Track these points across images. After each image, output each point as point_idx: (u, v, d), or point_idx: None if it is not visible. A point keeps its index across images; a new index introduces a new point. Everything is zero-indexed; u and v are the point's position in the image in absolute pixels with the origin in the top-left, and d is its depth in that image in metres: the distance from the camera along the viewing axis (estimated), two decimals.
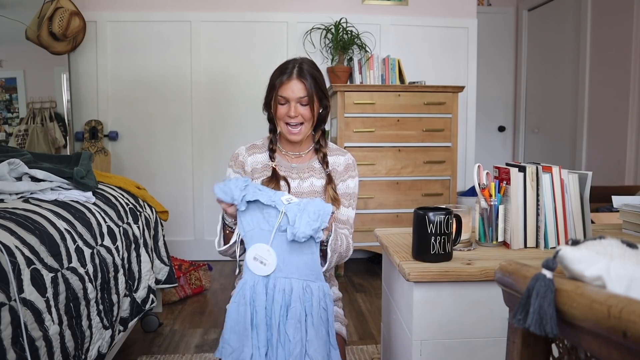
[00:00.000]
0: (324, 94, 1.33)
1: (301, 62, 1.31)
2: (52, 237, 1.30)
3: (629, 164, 3.26)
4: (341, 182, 1.35)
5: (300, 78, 1.28)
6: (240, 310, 1.08)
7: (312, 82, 1.29)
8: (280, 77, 1.30)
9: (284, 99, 1.29)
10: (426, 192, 2.99)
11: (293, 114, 1.28)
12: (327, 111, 1.37)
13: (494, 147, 4.53)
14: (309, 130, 1.33)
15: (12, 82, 3.01)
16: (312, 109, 1.30)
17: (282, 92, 1.29)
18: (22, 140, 2.99)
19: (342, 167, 1.37)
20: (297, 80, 1.28)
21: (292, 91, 1.28)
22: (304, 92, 1.28)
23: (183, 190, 3.34)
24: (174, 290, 2.54)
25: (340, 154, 1.39)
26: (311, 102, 1.29)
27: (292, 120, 1.29)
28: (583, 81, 3.64)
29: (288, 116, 1.29)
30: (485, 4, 4.41)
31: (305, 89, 1.28)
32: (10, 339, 1.02)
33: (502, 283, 0.60)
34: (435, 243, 1.07)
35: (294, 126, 1.30)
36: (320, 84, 1.32)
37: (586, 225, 1.24)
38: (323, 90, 1.33)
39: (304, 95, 1.28)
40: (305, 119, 1.30)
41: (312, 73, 1.30)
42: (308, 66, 1.31)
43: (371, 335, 2.16)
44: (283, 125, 1.31)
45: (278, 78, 1.30)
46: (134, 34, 3.25)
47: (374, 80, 3.14)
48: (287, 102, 1.29)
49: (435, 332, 1.07)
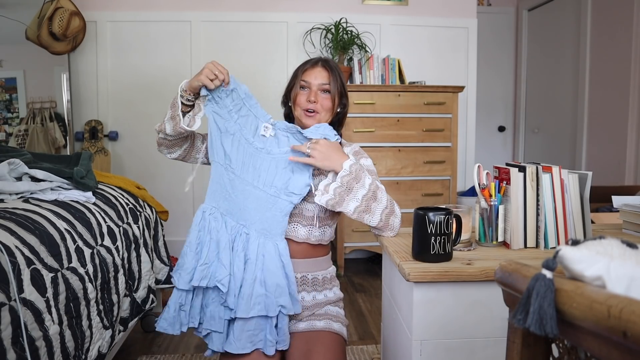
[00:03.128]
0: (344, 91, 1.36)
1: (327, 58, 1.37)
2: (52, 237, 1.30)
3: (629, 164, 3.26)
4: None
5: (326, 67, 1.33)
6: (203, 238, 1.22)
7: (336, 74, 1.33)
8: (304, 65, 1.35)
9: (306, 83, 1.32)
10: (426, 192, 2.99)
11: (313, 98, 1.29)
12: (344, 111, 1.38)
13: (494, 147, 4.53)
14: (325, 121, 1.33)
15: (12, 82, 3.01)
16: (332, 100, 1.31)
17: (305, 77, 1.32)
18: (22, 140, 2.99)
19: (350, 154, 1.37)
20: (322, 68, 1.33)
21: (314, 77, 1.31)
22: (327, 79, 1.31)
23: (183, 190, 3.33)
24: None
25: (346, 145, 1.40)
26: (333, 93, 1.31)
27: (310, 105, 1.30)
28: (583, 81, 3.64)
29: (308, 101, 1.30)
30: (485, 4, 4.41)
31: (328, 77, 1.31)
32: (10, 339, 1.02)
33: (502, 283, 0.60)
34: (435, 243, 1.07)
35: (312, 112, 1.31)
36: (343, 82, 1.36)
37: (586, 225, 1.24)
38: (344, 87, 1.36)
39: (326, 82, 1.31)
40: (323, 108, 1.31)
41: (336, 67, 1.35)
42: (333, 62, 1.37)
43: (371, 335, 2.16)
44: (301, 111, 1.32)
45: (302, 67, 1.35)
46: (134, 34, 3.25)
47: (374, 80, 3.14)
48: (308, 87, 1.31)
49: (435, 332, 1.07)
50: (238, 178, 1.24)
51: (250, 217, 1.23)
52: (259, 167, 1.24)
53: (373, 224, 1.24)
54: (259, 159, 1.25)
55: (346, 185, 1.19)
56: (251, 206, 1.23)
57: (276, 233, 1.23)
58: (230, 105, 1.26)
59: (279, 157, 1.25)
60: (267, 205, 1.23)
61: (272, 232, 1.23)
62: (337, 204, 1.19)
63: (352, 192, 1.19)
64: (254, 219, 1.23)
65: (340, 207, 1.19)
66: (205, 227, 1.22)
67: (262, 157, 1.25)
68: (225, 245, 1.20)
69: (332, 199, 1.18)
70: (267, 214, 1.23)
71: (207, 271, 1.18)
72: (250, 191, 1.24)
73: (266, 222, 1.23)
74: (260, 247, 1.21)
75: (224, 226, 1.22)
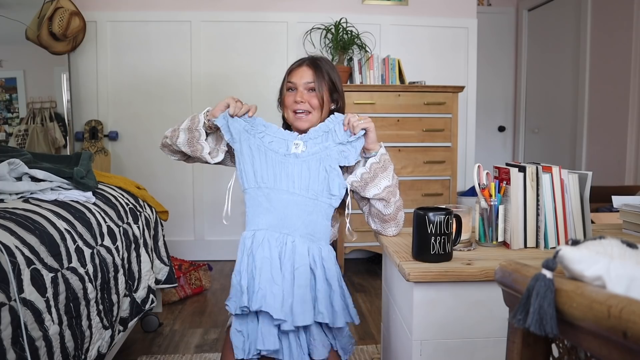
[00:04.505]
0: (334, 87, 1.35)
1: (315, 56, 1.37)
2: (52, 237, 1.30)
3: (629, 164, 3.26)
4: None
5: (310, 66, 1.33)
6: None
7: (322, 72, 1.32)
8: (291, 66, 1.36)
9: (292, 84, 1.32)
10: (426, 192, 2.99)
11: (299, 98, 1.29)
12: (338, 107, 1.38)
13: (494, 147, 4.53)
14: (317, 120, 1.33)
15: (12, 82, 3.01)
16: (320, 98, 1.31)
17: (291, 78, 1.33)
18: (22, 140, 2.99)
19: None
20: (307, 67, 1.32)
21: (299, 77, 1.31)
22: (311, 77, 1.31)
23: (183, 190, 3.34)
24: (174, 290, 2.54)
25: None
26: (319, 89, 1.31)
27: (298, 106, 1.30)
28: (583, 81, 3.64)
29: (295, 102, 1.30)
30: (485, 4, 4.41)
31: (312, 75, 1.31)
32: (10, 339, 1.02)
33: (502, 283, 0.60)
34: (435, 243, 1.07)
35: (301, 113, 1.31)
36: (332, 78, 1.34)
37: (586, 225, 1.24)
38: (334, 83, 1.35)
39: (310, 81, 1.31)
40: (312, 107, 1.31)
41: (324, 65, 1.34)
42: (323, 61, 1.35)
43: (371, 335, 2.16)
44: (290, 113, 1.33)
45: (289, 68, 1.36)
46: (134, 34, 3.25)
47: (374, 80, 3.14)
48: (295, 88, 1.32)
49: (435, 332, 1.07)
50: (273, 190, 1.22)
51: (293, 224, 1.20)
52: (291, 173, 1.23)
53: (388, 212, 1.27)
54: (289, 166, 1.23)
55: (373, 173, 1.24)
56: (292, 213, 1.21)
57: (320, 237, 1.22)
58: (246, 125, 1.26)
59: (308, 158, 1.24)
60: (308, 209, 1.22)
61: (316, 236, 1.21)
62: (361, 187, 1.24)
63: (376, 179, 1.24)
64: (296, 224, 1.20)
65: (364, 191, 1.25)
66: (245, 250, 1.19)
67: (291, 163, 1.23)
68: (269, 262, 1.16)
69: (357, 181, 1.24)
70: (310, 218, 1.21)
71: (255, 297, 1.14)
72: (289, 198, 1.22)
73: (310, 226, 1.21)
74: (309, 253, 1.19)
75: (267, 244, 1.18)
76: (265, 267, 1.15)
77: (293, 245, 1.18)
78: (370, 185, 1.24)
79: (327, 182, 1.22)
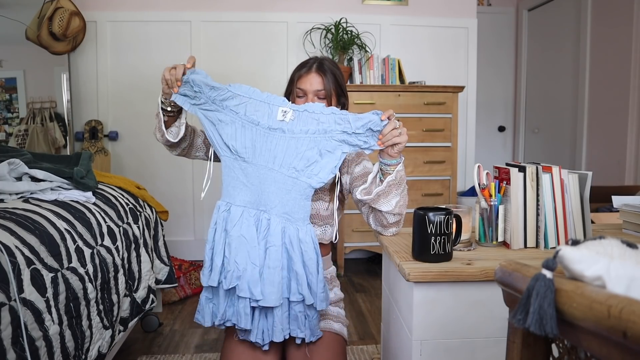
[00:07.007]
0: (342, 91, 1.36)
1: (322, 59, 1.36)
2: (52, 237, 1.30)
3: (629, 164, 3.26)
4: (356, 165, 1.34)
5: (319, 72, 1.31)
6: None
7: (331, 77, 1.32)
8: (299, 70, 1.34)
9: (302, 91, 1.32)
10: (426, 192, 2.99)
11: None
12: (343, 109, 1.37)
13: (494, 147, 4.53)
14: None
15: (12, 82, 3.01)
16: (329, 104, 1.31)
17: (300, 85, 1.32)
18: (22, 140, 2.99)
19: (353, 154, 1.37)
20: (316, 74, 1.31)
21: (310, 84, 1.31)
22: (321, 85, 1.30)
23: (183, 190, 3.34)
24: (174, 290, 2.54)
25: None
26: (328, 96, 1.31)
27: None
28: (583, 81, 3.64)
29: None
30: (485, 4, 4.41)
31: (322, 82, 1.31)
32: (10, 339, 1.02)
33: (502, 283, 0.60)
34: (435, 243, 1.07)
35: None
36: (340, 81, 1.34)
37: (586, 225, 1.24)
38: (342, 87, 1.35)
39: (321, 89, 1.30)
40: None
41: (332, 69, 1.33)
42: (329, 63, 1.35)
43: (371, 335, 2.17)
44: None
45: (297, 72, 1.34)
46: (134, 34, 3.25)
47: (374, 80, 3.14)
48: (304, 95, 1.31)
49: (435, 332, 1.07)
50: (250, 165, 1.18)
51: (270, 201, 1.16)
52: (273, 148, 1.18)
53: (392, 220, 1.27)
54: (273, 140, 1.18)
55: (388, 189, 1.21)
56: (269, 189, 1.17)
57: (298, 217, 1.17)
58: (213, 95, 1.21)
59: (300, 136, 1.18)
60: (286, 187, 1.17)
61: (294, 217, 1.17)
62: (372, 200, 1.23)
63: (390, 195, 1.22)
64: (273, 202, 1.16)
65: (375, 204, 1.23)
66: (219, 223, 1.17)
67: (276, 137, 1.18)
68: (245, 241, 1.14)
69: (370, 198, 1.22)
70: (287, 197, 1.17)
71: (225, 272, 1.14)
72: (267, 174, 1.17)
73: (287, 205, 1.17)
74: (284, 233, 1.15)
75: (244, 222, 1.16)
76: (241, 246, 1.13)
77: (268, 223, 1.15)
78: (383, 200, 1.22)
79: (317, 165, 1.17)
